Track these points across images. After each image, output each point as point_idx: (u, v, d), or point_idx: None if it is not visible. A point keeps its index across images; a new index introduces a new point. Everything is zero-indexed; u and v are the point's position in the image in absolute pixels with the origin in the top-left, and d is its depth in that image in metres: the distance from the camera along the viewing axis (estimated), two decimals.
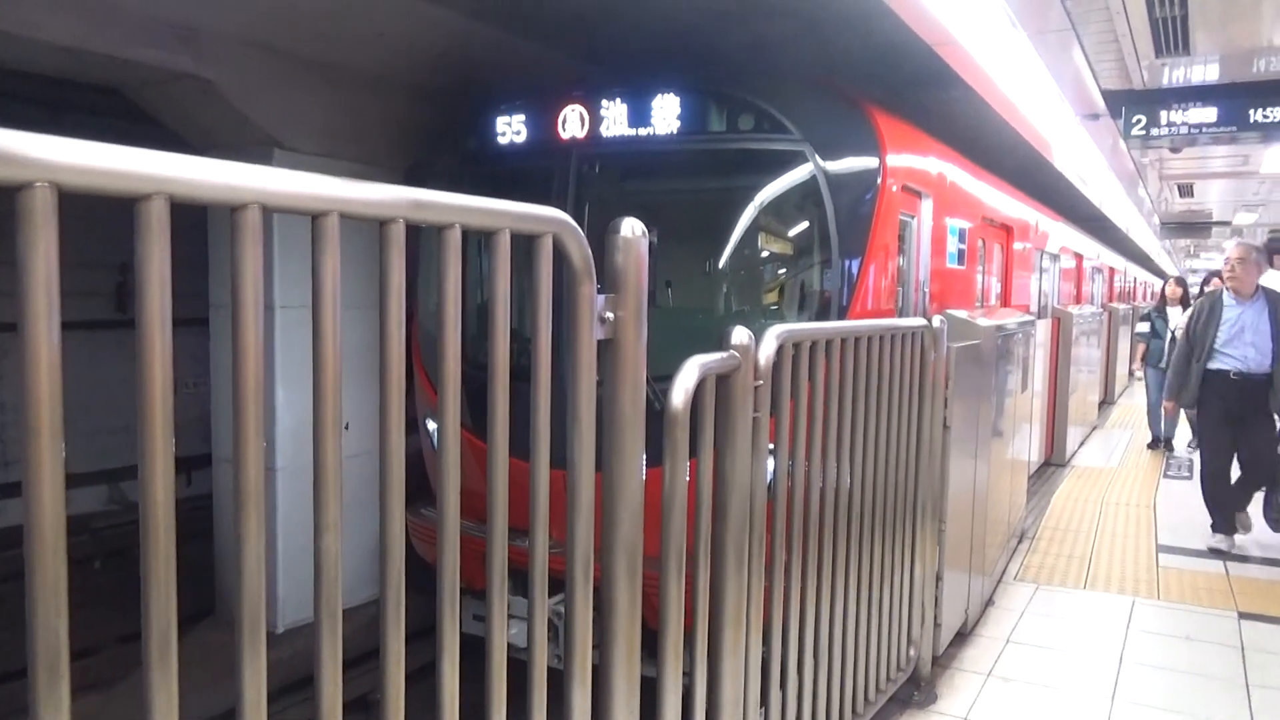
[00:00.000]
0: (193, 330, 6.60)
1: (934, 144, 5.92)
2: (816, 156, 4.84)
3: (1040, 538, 6.95)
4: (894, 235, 5.07)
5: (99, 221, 4.60)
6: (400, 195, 1.38)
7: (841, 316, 4.72)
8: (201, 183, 1.12)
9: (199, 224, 5.99)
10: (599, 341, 1.82)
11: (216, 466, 6.46)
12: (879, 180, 4.86)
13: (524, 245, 1.64)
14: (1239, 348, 6.33)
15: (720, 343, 2.39)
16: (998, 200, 7.57)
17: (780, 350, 2.62)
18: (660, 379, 2.06)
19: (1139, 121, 9.27)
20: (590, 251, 1.75)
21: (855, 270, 4.80)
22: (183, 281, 1.20)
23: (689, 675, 2.35)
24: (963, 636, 4.82)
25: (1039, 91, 7.93)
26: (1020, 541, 6.75)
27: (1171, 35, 7.37)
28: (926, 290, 5.69)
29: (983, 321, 4.97)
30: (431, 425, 5.78)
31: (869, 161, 4.89)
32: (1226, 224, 22.36)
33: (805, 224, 5.10)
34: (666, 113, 5.08)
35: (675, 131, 5.06)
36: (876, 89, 5.52)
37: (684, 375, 2.17)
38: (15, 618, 1.04)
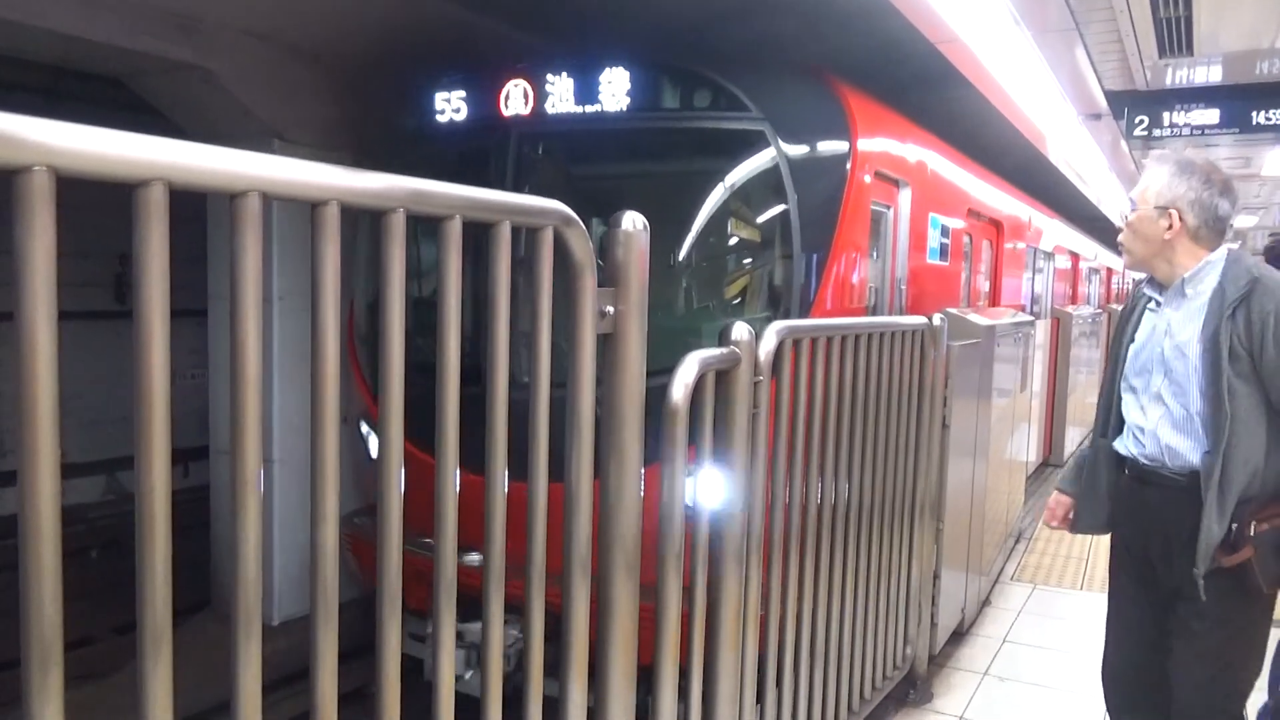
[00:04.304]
0: (191, 322, 6.58)
1: (915, 129, 5.45)
2: (777, 137, 4.34)
3: (1038, 538, 6.95)
4: (865, 227, 4.61)
5: (97, 211, 4.59)
6: (401, 185, 1.37)
7: (803, 316, 4.24)
8: (201, 169, 1.11)
9: (198, 216, 5.97)
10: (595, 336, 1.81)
11: (214, 458, 6.45)
12: (848, 165, 4.39)
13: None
14: (1144, 404, 2.78)
15: (720, 338, 2.38)
16: (987, 193, 7.13)
17: (780, 346, 2.62)
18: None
19: (1141, 122, 9.27)
20: (591, 245, 1.74)
21: (819, 265, 4.32)
22: (181, 273, 1.19)
23: (685, 677, 2.34)
24: (959, 636, 4.82)
25: (1041, 91, 7.93)
26: (1018, 542, 6.75)
27: (1175, 36, 7.36)
28: (904, 288, 5.21)
29: (983, 321, 4.95)
30: (365, 429, 5.32)
31: (837, 144, 4.43)
32: None
33: (764, 212, 4.59)
34: (615, 88, 4.53)
35: (624, 109, 4.52)
36: (875, 85, 5.38)
37: (684, 370, 2.17)
38: (12, 606, 1.03)
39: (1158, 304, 2.81)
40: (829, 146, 4.44)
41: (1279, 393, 2.52)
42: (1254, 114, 8.98)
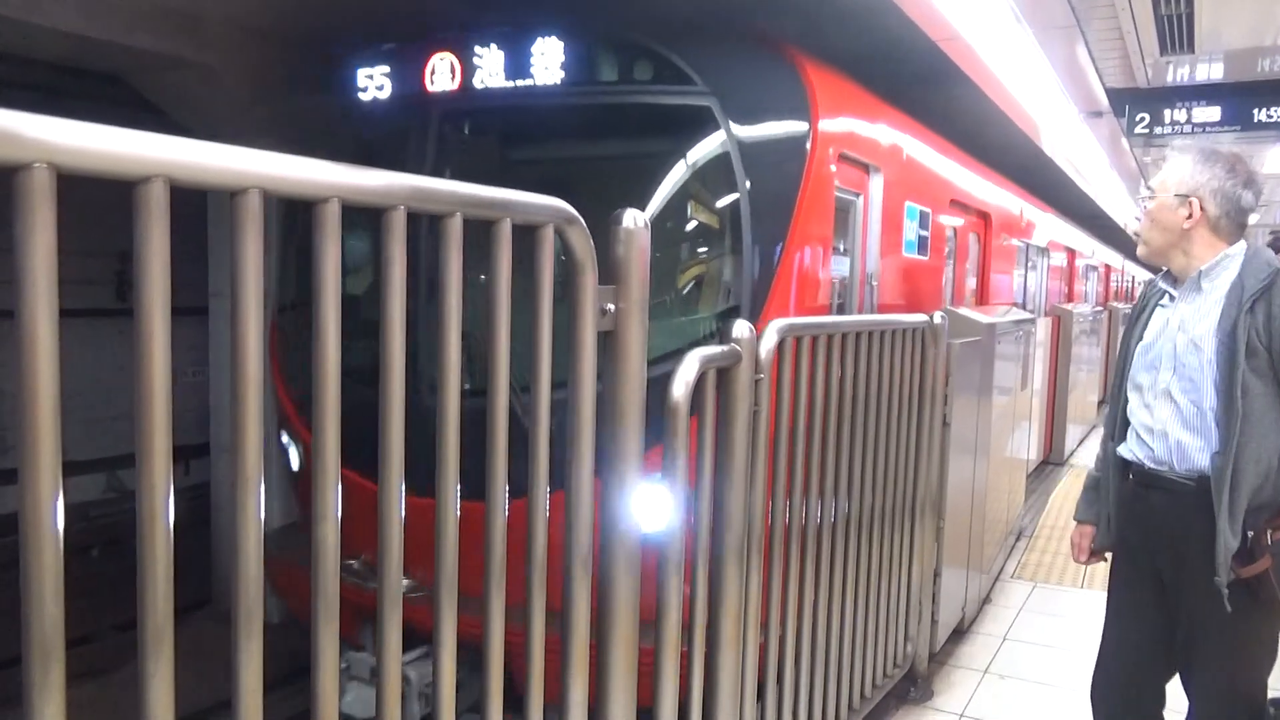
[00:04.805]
0: (192, 320, 6.58)
1: (889, 110, 4.98)
2: (726, 115, 3.89)
3: (1038, 536, 6.95)
4: (828, 217, 4.13)
5: (98, 209, 4.59)
6: (401, 182, 1.37)
7: (753, 318, 3.67)
8: (201, 166, 1.11)
9: (199, 214, 5.96)
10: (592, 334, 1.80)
11: (215, 456, 6.45)
12: (808, 146, 3.91)
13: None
14: (1151, 403, 2.65)
15: (720, 335, 2.38)
16: (974, 183, 6.65)
17: (781, 344, 2.62)
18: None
19: (1142, 120, 9.25)
20: (593, 242, 1.74)
21: (774, 260, 3.86)
22: (182, 271, 1.19)
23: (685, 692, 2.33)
24: (960, 633, 4.82)
25: (1041, 88, 7.91)
26: (1018, 540, 6.75)
27: (1176, 33, 7.34)
28: (875, 284, 4.75)
29: (984, 319, 4.94)
30: (285, 439, 4.93)
31: (795, 123, 3.95)
32: None
33: (711, 200, 4.13)
34: (548, 60, 4.09)
35: (558, 83, 4.08)
36: (842, 62, 4.85)
37: (684, 367, 2.17)
38: (14, 604, 1.03)
39: (1171, 298, 2.68)
40: (785, 126, 3.98)
41: None
42: (1255, 111, 8.96)
